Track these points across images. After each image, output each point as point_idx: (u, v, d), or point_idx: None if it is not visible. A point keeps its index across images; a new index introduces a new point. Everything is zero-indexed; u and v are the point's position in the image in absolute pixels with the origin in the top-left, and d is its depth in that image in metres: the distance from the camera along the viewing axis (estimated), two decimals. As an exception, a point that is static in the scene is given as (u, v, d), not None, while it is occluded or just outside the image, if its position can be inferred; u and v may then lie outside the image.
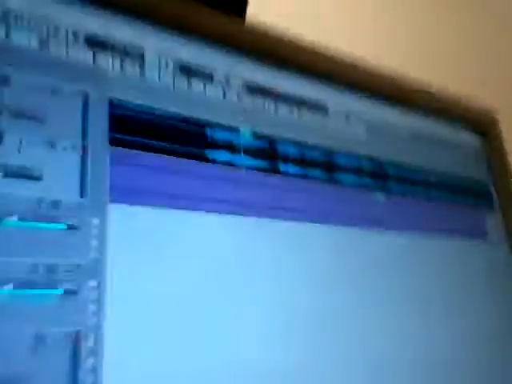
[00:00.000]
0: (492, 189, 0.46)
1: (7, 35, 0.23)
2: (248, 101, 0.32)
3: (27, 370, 0.20)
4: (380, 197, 0.36)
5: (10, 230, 0.21)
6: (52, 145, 0.23)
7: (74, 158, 0.23)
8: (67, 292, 0.21)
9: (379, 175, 0.37)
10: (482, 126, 0.48)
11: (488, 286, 0.41)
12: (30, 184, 0.22)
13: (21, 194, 0.21)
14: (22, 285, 0.20)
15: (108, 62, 0.26)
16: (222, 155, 0.29)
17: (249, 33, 0.33)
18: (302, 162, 0.33)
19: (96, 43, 0.26)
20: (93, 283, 0.22)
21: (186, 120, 0.28)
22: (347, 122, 0.37)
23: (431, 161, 0.41)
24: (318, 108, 0.35)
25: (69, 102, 0.24)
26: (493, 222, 0.44)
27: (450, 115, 0.45)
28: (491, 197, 0.45)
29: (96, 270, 0.22)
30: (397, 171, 0.38)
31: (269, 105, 0.33)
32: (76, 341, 0.21)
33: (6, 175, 0.21)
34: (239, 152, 0.30)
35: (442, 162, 0.42)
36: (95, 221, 0.23)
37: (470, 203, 0.43)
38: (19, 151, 0.22)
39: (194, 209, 0.27)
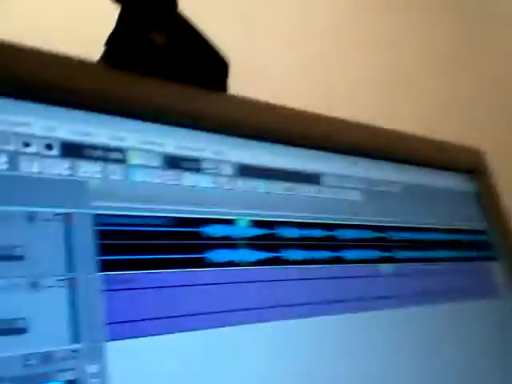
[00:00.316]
0: (490, 235, 0.45)
1: (-31, 162, 0.20)
2: (240, 185, 0.29)
3: None
4: (388, 268, 0.35)
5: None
6: (34, 285, 0.19)
7: (62, 296, 0.20)
8: None
9: (383, 243, 0.36)
10: (469, 164, 0.48)
11: (502, 342, 0.40)
12: (12, 340, 0.18)
13: (5, 355, 0.18)
14: None
15: (88, 171, 0.23)
16: (222, 255, 0.26)
17: (234, 108, 0.31)
18: (303, 244, 0.31)
19: (73, 150, 0.23)
20: None
21: (179, 221, 0.25)
22: (341, 188, 0.35)
23: (428, 215, 0.40)
24: (311, 179, 0.33)
25: (48, 229, 0.21)
26: (498, 271, 0.44)
27: (438, 160, 0.45)
28: (491, 246, 0.45)
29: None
30: (399, 234, 0.37)
31: (261, 186, 0.30)
32: None
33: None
34: (238, 247, 0.27)
35: (438, 214, 0.41)
36: (94, 368, 0.20)
37: (474, 256, 0.43)
38: (-4, 302, 0.18)
39: (202, 327, 0.24)
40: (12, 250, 0.19)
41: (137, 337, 0.21)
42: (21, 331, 0.18)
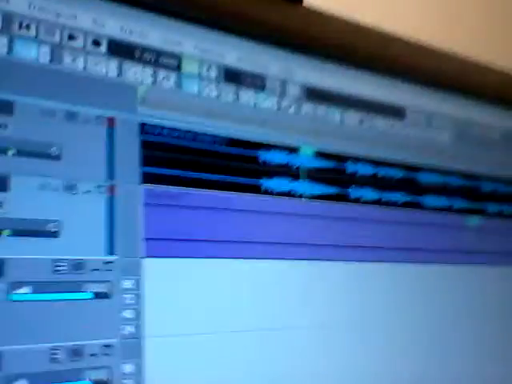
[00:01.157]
0: None
1: (9, 49, 0.18)
2: (309, 110, 0.26)
3: None
4: (475, 221, 0.30)
5: (22, 305, 0.16)
6: (71, 188, 0.18)
7: (99, 204, 0.18)
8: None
9: (471, 193, 0.30)
10: None
11: None
12: (44, 242, 0.17)
13: (34, 257, 0.17)
14: (40, 380, 0.16)
15: (137, 75, 0.21)
16: (280, 184, 0.24)
17: (305, 22, 0.27)
18: (377, 183, 0.27)
19: (121, 51, 0.21)
20: (129, 368, 0.17)
21: (233, 142, 0.23)
22: (428, 127, 0.30)
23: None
24: (392, 113, 0.29)
25: (89, 131, 0.19)
26: None
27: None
28: None
29: (132, 350, 0.18)
30: (491, 186, 0.32)
31: (333, 114, 0.27)
32: None
33: (14, 233, 0.16)
34: (300, 177, 0.24)
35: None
36: (129, 284, 0.18)
37: None
38: (29, 200, 0.17)
39: (249, 256, 0.21)
40: (49, 148, 0.18)
41: (174, 257, 0.19)
42: (53, 234, 0.17)
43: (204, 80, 0.23)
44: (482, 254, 0.30)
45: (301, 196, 0.24)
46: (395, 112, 0.29)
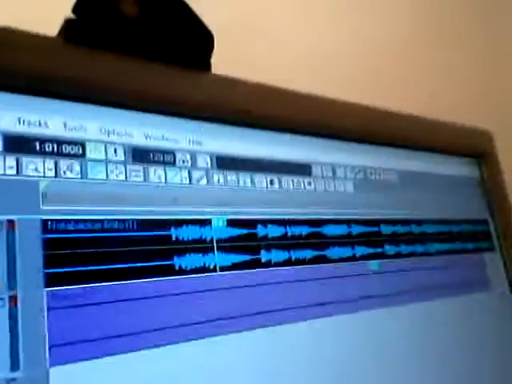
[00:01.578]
0: (490, 224, 0.43)
1: None
2: (220, 179, 0.26)
3: None
4: (377, 265, 0.32)
5: None
6: (-33, 307, 0.17)
7: (1, 318, 0.18)
8: None
9: (374, 238, 0.33)
10: (478, 148, 0.45)
11: (496, 335, 0.38)
12: None
13: None
14: None
15: (38, 168, 0.20)
16: (193, 260, 0.24)
17: (212, 90, 0.28)
18: (286, 244, 0.28)
19: (19, 144, 0.20)
20: None
21: (144, 224, 0.23)
22: (334, 179, 0.32)
23: (426, 205, 0.38)
24: (299, 171, 0.31)
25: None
26: (493, 264, 0.41)
27: (442, 144, 0.42)
28: (490, 236, 0.43)
29: None
30: (391, 228, 0.34)
31: (244, 179, 0.28)
32: None
33: None
34: (212, 250, 0.25)
35: (437, 203, 0.39)
36: (35, 399, 0.18)
37: (471, 248, 0.40)
38: None
39: (167, 343, 0.22)
40: None
41: (84, 359, 0.19)
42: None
43: (111, 164, 0.22)
44: (384, 296, 0.32)
45: (215, 269, 0.25)
46: (302, 169, 0.31)
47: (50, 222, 0.20)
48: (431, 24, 0.75)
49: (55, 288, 0.19)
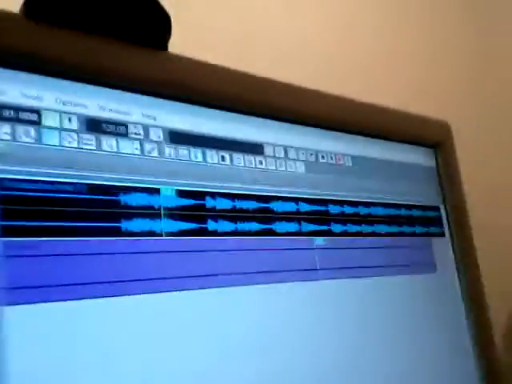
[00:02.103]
0: (442, 211, 0.46)
1: None
2: (171, 152, 0.29)
3: None
4: (320, 241, 0.35)
5: None
6: None
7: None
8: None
9: (319, 217, 0.35)
10: (434, 137, 0.47)
11: (437, 316, 0.41)
12: None
13: None
14: None
15: (-6, 132, 0.22)
16: (140, 224, 0.26)
17: (168, 68, 0.30)
18: (233, 216, 0.30)
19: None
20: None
21: (93, 188, 0.25)
22: (285, 160, 0.34)
23: (376, 189, 0.40)
24: (251, 150, 0.33)
25: None
26: (441, 249, 0.44)
27: (397, 133, 0.44)
28: (441, 222, 0.45)
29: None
30: (338, 208, 0.37)
31: (196, 154, 0.30)
32: None
33: None
34: (160, 217, 0.27)
35: (388, 188, 0.41)
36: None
37: (419, 232, 0.43)
38: None
39: (113, 294, 0.24)
40: None
41: (35, 302, 0.21)
42: None
43: (64, 132, 0.24)
44: (328, 269, 0.35)
45: (161, 234, 0.27)
46: (254, 148, 0.33)
47: (5, 181, 0.22)
48: (421, 16, 0.76)
49: (9, 238, 0.21)
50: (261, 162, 0.33)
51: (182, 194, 0.28)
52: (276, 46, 0.58)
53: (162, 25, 0.29)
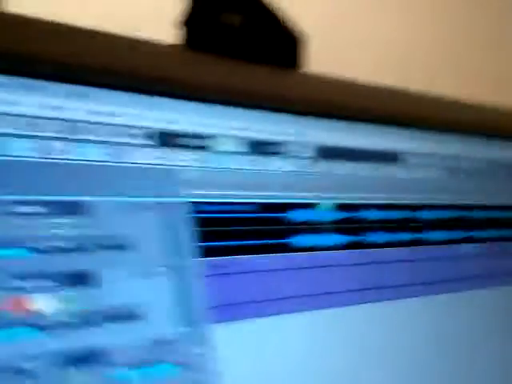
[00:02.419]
0: None
1: (79, 154, 0.21)
2: (323, 168, 0.29)
3: None
4: (469, 248, 0.34)
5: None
6: (145, 273, 0.20)
7: (170, 283, 0.21)
8: None
9: (466, 223, 0.34)
10: None
11: None
12: (133, 325, 0.19)
13: (124, 340, 0.19)
14: None
15: (180, 159, 0.24)
16: (307, 239, 0.27)
17: (309, 87, 0.31)
18: (387, 227, 0.30)
19: (165, 139, 0.23)
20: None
21: (265, 207, 0.26)
22: (423, 166, 0.34)
23: None
24: (391, 158, 0.33)
25: (151, 219, 0.21)
26: None
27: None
28: None
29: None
30: (481, 213, 0.36)
31: (342, 168, 0.30)
32: None
33: (108, 322, 0.19)
34: (322, 231, 0.27)
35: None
36: (200, 350, 0.21)
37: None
38: (117, 290, 0.19)
39: (291, 311, 0.24)
40: (125, 240, 0.20)
41: (235, 320, 0.22)
42: (138, 317, 0.19)
43: (235, 155, 0.26)
44: (482, 277, 0.33)
45: (326, 248, 0.27)
46: (394, 158, 0.33)
47: (195, 204, 0.23)
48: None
49: (206, 259, 0.22)
50: (403, 171, 0.33)
51: (338, 207, 0.29)
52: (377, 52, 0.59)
53: (298, 46, 0.31)
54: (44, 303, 0.18)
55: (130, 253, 0.20)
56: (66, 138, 0.20)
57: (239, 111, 0.27)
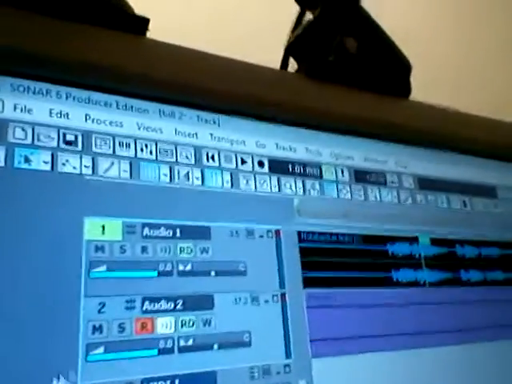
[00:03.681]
0: None
1: (202, 180, 0.21)
2: (422, 199, 0.28)
3: None
4: None
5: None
6: (255, 300, 0.21)
7: (276, 312, 0.21)
8: None
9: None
10: None
11: None
12: (241, 352, 0.20)
13: (237, 366, 0.19)
14: None
15: (292, 187, 0.24)
16: (406, 274, 0.26)
17: (411, 115, 0.30)
18: (481, 264, 0.29)
19: (279, 167, 0.24)
20: None
21: (368, 239, 0.25)
22: (517, 203, 0.33)
23: None
24: (487, 191, 0.32)
25: (263, 245, 0.22)
26: None
27: None
28: None
29: None
30: None
31: (441, 200, 0.29)
32: None
33: (220, 346, 0.19)
34: (421, 266, 0.27)
35: None
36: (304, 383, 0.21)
37: None
38: (228, 314, 0.20)
39: (391, 348, 0.24)
40: (238, 266, 0.21)
41: (336, 355, 0.22)
42: (246, 344, 0.20)
43: (340, 184, 0.26)
44: None
45: (424, 284, 0.26)
46: (489, 191, 0.32)
47: (302, 233, 0.23)
48: None
49: (310, 290, 0.22)
50: (496, 206, 0.32)
51: (435, 242, 0.28)
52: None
53: (406, 74, 0.30)
54: (165, 325, 0.19)
55: (242, 279, 0.21)
56: (192, 164, 0.21)
57: (345, 138, 0.26)
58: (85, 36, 0.19)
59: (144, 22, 0.20)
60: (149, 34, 0.22)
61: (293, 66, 0.30)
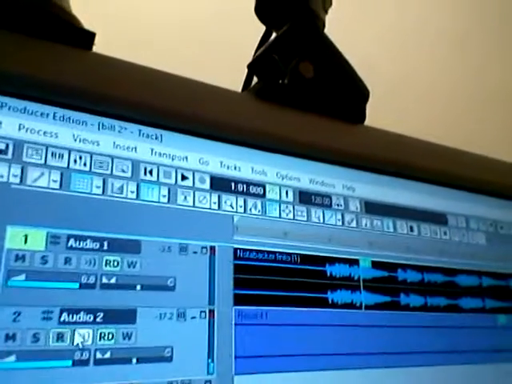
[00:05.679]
0: None
1: (137, 194, 0.21)
2: (367, 223, 0.29)
3: None
4: (503, 320, 0.33)
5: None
6: (181, 316, 0.21)
7: (202, 329, 0.21)
8: None
9: (502, 293, 0.33)
10: None
11: None
12: (162, 367, 0.20)
13: (155, 380, 0.20)
14: None
15: (232, 205, 0.24)
16: (343, 296, 0.27)
17: (364, 141, 0.30)
18: (422, 290, 0.30)
19: (221, 184, 0.24)
20: None
21: (306, 259, 0.26)
22: (467, 231, 0.33)
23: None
24: (436, 218, 0.32)
25: (196, 262, 0.22)
26: None
27: None
28: None
29: None
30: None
31: (388, 224, 0.30)
32: None
33: (140, 360, 0.20)
34: (359, 288, 0.27)
35: None
36: (223, 400, 0.21)
37: None
38: (151, 330, 0.20)
39: (318, 368, 0.24)
40: (166, 281, 0.21)
41: (260, 373, 0.22)
42: (167, 359, 0.20)
43: (283, 204, 0.26)
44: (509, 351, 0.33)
45: (361, 307, 0.27)
46: (438, 218, 0.32)
47: (239, 250, 0.23)
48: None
49: (240, 307, 0.23)
50: (445, 233, 0.32)
51: (376, 264, 0.28)
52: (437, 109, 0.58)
53: (362, 97, 0.30)
54: (83, 337, 0.19)
55: (170, 294, 0.21)
56: (128, 178, 0.21)
57: (293, 160, 0.27)
58: (25, 47, 0.19)
59: (90, 36, 0.21)
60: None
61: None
